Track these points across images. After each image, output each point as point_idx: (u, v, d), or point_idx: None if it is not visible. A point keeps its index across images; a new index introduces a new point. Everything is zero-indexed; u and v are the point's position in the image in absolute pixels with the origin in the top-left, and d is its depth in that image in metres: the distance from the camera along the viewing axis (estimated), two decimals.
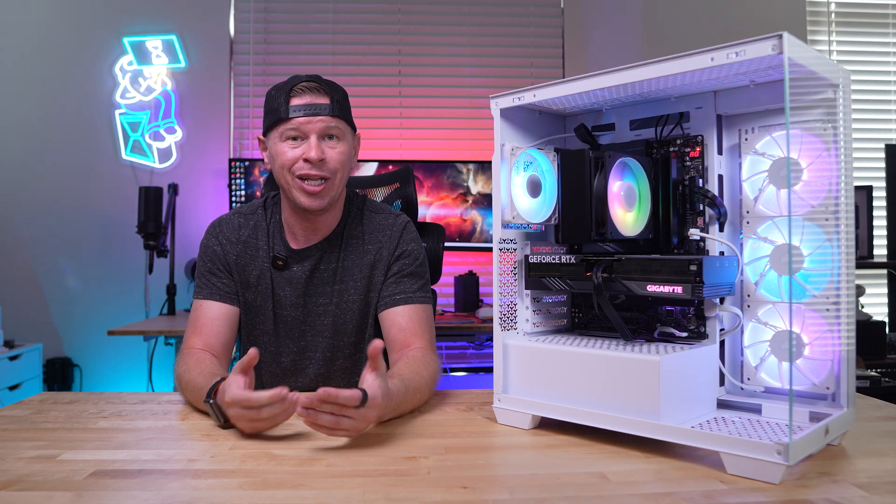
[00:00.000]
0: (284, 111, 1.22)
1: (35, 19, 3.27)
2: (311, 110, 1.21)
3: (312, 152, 1.21)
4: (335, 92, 1.25)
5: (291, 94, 1.22)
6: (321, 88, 1.23)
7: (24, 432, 0.99)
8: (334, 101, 1.24)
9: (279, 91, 1.24)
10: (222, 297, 1.31)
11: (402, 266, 1.33)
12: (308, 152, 1.21)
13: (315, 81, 1.24)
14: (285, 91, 1.23)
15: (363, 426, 0.94)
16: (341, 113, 1.25)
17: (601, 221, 0.98)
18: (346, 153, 1.27)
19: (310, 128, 1.22)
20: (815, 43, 3.58)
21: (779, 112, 0.98)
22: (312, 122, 1.22)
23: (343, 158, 1.26)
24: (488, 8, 3.41)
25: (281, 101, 1.22)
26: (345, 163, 1.27)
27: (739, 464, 0.79)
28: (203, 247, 1.35)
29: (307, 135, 1.22)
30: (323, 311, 1.34)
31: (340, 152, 1.25)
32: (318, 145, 1.22)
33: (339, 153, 1.25)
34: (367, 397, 0.90)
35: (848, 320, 0.89)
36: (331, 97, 1.23)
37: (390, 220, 1.37)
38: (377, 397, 0.93)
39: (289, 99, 1.22)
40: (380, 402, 0.93)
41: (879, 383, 2.72)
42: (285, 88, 1.23)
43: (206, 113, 3.32)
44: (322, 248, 1.33)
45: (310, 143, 1.22)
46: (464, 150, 3.35)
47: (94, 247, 3.27)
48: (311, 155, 1.21)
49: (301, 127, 1.22)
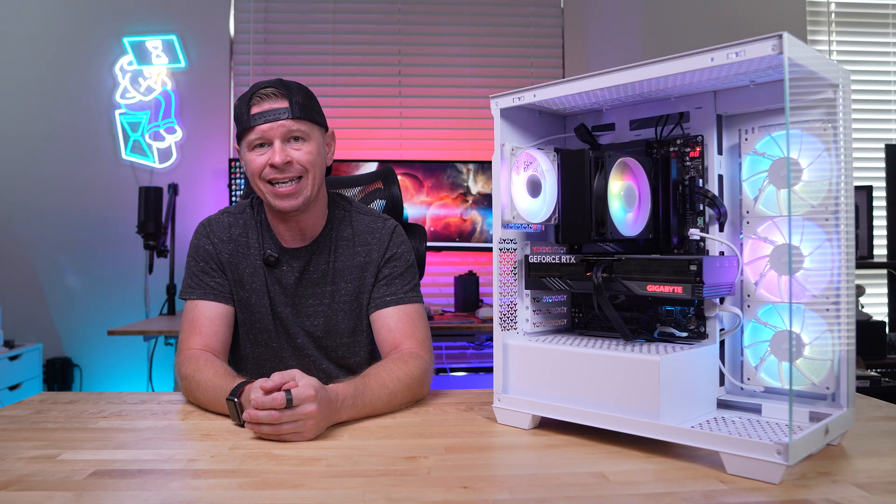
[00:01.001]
0: (246, 120, 1.23)
1: (35, 19, 3.27)
2: (270, 116, 1.21)
3: (277, 157, 1.21)
4: (295, 94, 1.24)
5: (251, 104, 1.23)
6: (279, 93, 1.23)
7: (24, 432, 0.99)
8: (294, 103, 1.23)
9: (241, 101, 1.25)
10: (217, 297, 1.30)
11: (393, 268, 1.34)
12: (273, 157, 1.22)
13: (273, 86, 1.24)
14: (245, 101, 1.24)
15: (311, 425, 0.95)
16: (303, 114, 1.24)
17: (601, 221, 0.98)
18: (314, 152, 1.26)
19: (272, 133, 1.22)
20: (815, 43, 3.58)
21: (779, 112, 0.98)
22: (273, 127, 1.22)
23: (311, 157, 1.25)
24: (488, 8, 3.41)
25: (243, 111, 1.24)
26: (314, 161, 1.26)
27: (739, 464, 0.79)
28: (193, 247, 1.35)
29: (271, 140, 1.23)
30: (313, 312, 1.34)
31: (307, 152, 1.25)
32: (282, 149, 1.22)
33: (305, 153, 1.25)
34: (292, 397, 0.93)
35: (848, 320, 0.89)
36: (290, 100, 1.23)
37: (379, 223, 1.38)
38: (308, 393, 0.94)
39: (249, 108, 1.23)
40: (314, 395, 0.95)
41: (879, 383, 2.72)
42: (245, 98, 1.24)
43: (206, 113, 3.32)
44: (311, 250, 1.34)
45: (274, 148, 1.22)
46: (464, 150, 3.35)
47: (94, 247, 3.27)
48: (275, 160, 1.21)
49: (264, 134, 1.22)
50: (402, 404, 1.14)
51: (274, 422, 0.93)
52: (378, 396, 1.08)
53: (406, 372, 1.15)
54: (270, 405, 0.93)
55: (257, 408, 0.94)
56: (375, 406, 1.08)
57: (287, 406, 0.93)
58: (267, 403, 0.93)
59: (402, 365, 1.16)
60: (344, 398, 1.02)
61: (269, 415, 0.93)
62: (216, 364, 1.17)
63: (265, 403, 0.93)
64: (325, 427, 0.99)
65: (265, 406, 0.93)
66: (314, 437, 0.96)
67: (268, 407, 0.93)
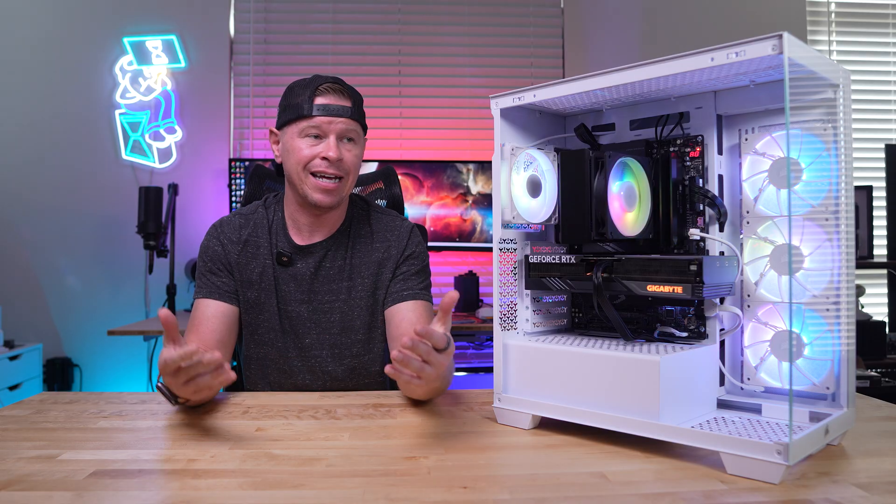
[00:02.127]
0: (308, 109, 1.25)
1: (35, 19, 3.27)
2: (334, 111, 1.25)
3: (332, 152, 1.24)
4: (355, 96, 1.30)
5: (316, 93, 1.25)
6: (344, 91, 1.28)
7: (24, 432, 0.99)
8: (355, 104, 1.28)
9: (303, 88, 1.27)
10: (220, 296, 1.31)
11: (411, 266, 1.37)
12: (327, 151, 1.25)
13: (339, 83, 1.28)
14: (310, 89, 1.26)
15: (438, 374, 0.96)
16: (359, 117, 1.30)
17: (601, 221, 0.98)
18: (360, 156, 1.32)
19: (331, 128, 1.25)
20: (815, 43, 3.58)
21: (779, 112, 0.98)
22: (334, 122, 1.25)
23: (357, 161, 1.31)
24: (488, 8, 3.42)
25: (304, 98, 1.25)
26: (358, 165, 1.31)
27: (739, 464, 0.79)
28: (203, 247, 1.36)
29: (327, 134, 1.26)
30: (329, 308, 1.34)
31: (356, 154, 1.30)
32: (336, 146, 1.25)
33: (354, 155, 1.30)
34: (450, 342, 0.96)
35: (848, 320, 0.89)
36: (352, 100, 1.28)
37: (398, 222, 1.42)
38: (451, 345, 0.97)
39: (313, 97, 1.25)
40: (453, 350, 0.98)
41: (879, 383, 2.72)
42: (311, 86, 1.26)
43: (206, 113, 3.33)
44: (327, 246, 1.35)
45: (329, 142, 1.25)
46: (464, 150, 3.35)
47: (94, 247, 3.27)
48: (330, 154, 1.24)
49: (323, 126, 1.25)
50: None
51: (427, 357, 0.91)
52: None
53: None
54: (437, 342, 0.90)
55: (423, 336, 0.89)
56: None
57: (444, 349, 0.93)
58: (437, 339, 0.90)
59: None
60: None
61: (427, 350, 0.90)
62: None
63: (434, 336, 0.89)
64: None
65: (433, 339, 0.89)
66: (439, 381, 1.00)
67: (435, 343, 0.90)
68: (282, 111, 1.30)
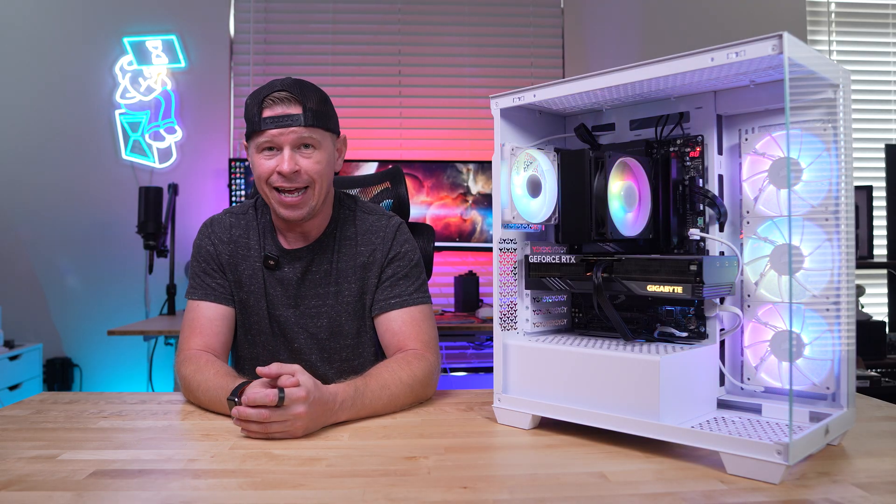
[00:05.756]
0: (257, 122, 1.20)
1: (35, 19, 3.27)
2: (282, 122, 1.18)
3: (285, 165, 1.19)
4: (309, 99, 1.21)
5: (263, 106, 1.19)
6: (293, 98, 1.19)
7: (24, 432, 0.99)
8: (307, 109, 1.20)
9: (253, 100, 1.22)
10: (218, 298, 1.30)
11: (397, 269, 1.32)
12: (280, 165, 1.20)
13: (287, 90, 1.20)
14: (258, 101, 1.20)
15: (300, 426, 0.95)
16: (315, 121, 1.21)
17: (601, 221, 0.98)
18: (324, 160, 1.24)
19: (282, 139, 1.19)
20: (815, 43, 3.58)
21: (779, 112, 0.98)
22: (284, 133, 1.19)
23: (320, 167, 1.23)
24: (488, 8, 3.41)
25: (255, 112, 1.20)
26: (322, 171, 1.23)
27: (739, 464, 0.79)
28: (196, 247, 1.35)
29: (280, 146, 1.20)
30: (317, 313, 1.33)
31: (316, 161, 1.22)
32: (291, 157, 1.19)
33: (314, 162, 1.22)
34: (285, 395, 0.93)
35: (848, 320, 0.89)
36: (304, 106, 1.19)
37: (383, 221, 1.36)
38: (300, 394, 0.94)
39: (261, 110, 1.19)
40: (304, 397, 0.95)
41: (879, 383, 2.72)
42: (258, 98, 1.21)
43: (206, 113, 3.32)
44: (313, 250, 1.32)
45: (283, 155, 1.20)
46: (464, 150, 3.35)
47: (94, 247, 3.27)
48: (283, 168, 1.19)
49: (274, 139, 1.20)
50: (405, 405, 1.13)
51: (263, 420, 0.93)
52: (378, 397, 1.08)
53: (409, 373, 1.14)
54: (262, 401, 0.93)
55: (248, 404, 0.94)
56: (376, 407, 1.08)
57: (278, 405, 0.93)
58: (259, 400, 0.93)
59: (406, 366, 1.15)
60: (342, 399, 1.02)
61: (258, 413, 0.93)
62: (216, 364, 1.17)
63: (257, 400, 0.93)
64: (318, 428, 0.99)
65: (256, 402, 0.93)
66: (303, 435, 0.96)
67: (259, 404, 0.93)
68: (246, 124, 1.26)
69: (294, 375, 0.96)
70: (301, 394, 0.95)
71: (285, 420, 0.94)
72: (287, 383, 0.95)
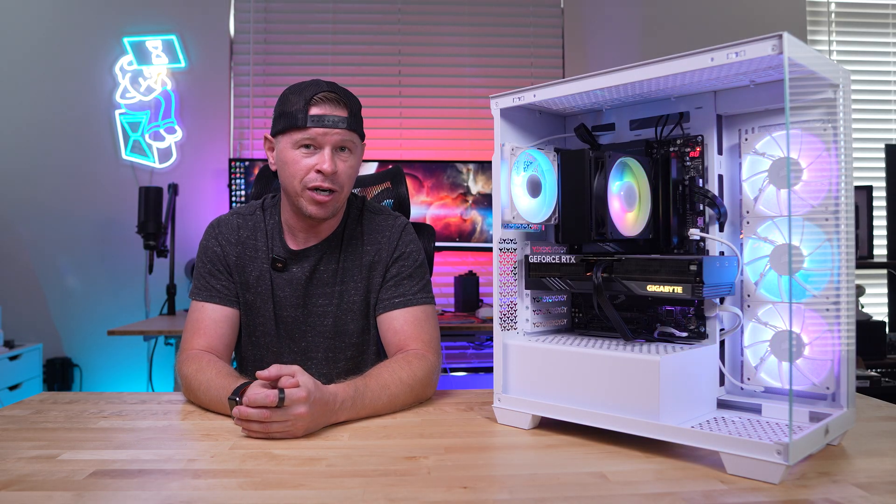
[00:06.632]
0: (302, 119, 1.19)
1: (35, 19, 3.27)
2: (329, 122, 1.20)
3: (326, 165, 1.20)
4: (352, 104, 1.24)
5: (311, 103, 1.20)
6: (340, 100, 1.22)
7: (24, 432, 0.99)
8: (351, 113, 1.23)
9: (298, 96, 1.21)
10: (223, 300, 1.30)
11: (401, 268, 1.32)
12: (322, 164, 1.20)
13: (335, 92, 1.22)
14: (305, 98, 1.20)
15: (301, 426, 0.96)
16: (356, 126, 1.24)
17: (601, 221, 0.98)
18: (356, 165, 1.28)
19: (326, 140, 1.21)
20: (815, 43, 3.58)
21: (779, 112, 0.98)
22: (329, 134, 1.20)
23: (352, 172, 1.27)
24: (488, 8, 3.41)
25: (299, 108, 1.20)
26: (353, 175, 1.27)
27: (739, 464, 0.79)
28: (202, 247, 1.34)
29: (322, 146, 1.21)
30: (323, 312, 1.33)
31: (351, 165, 1.26)
32: (331, 158, 1.21)
33: (349, 166, 1.25)
34: (285, 396, 0.93)
35: (848, 320, 0.89)
36: (349, 110, 1.23)
37: (389, 221, 1.36)
38: (301, 395, 0.94)
39: (308, 107, 1.20)
40: (305, 397, 0.95)
41: (879, 383, 2.72)
42: (305, 95, 1.21)
43: (206, 113, 3.32)
44: (321, 249, 1.33)
45: (324, 154, 1.21)
46: (464, 150, 3.35)
47: (94, 247, 3.27)
48: (324, 167, 1.20)
49: (318, 138, 1.20)
50: (405, 405, 1.13)
51: (264, 420, 0.93)
52: (378, 397, 1.08)
53: (409, 373, 1.14)
54: (263, 402, 0.93)
55: (249, 405, 0.94)
56: (376, 407, 1.08)
57: (278, 405, 0.93)
58: (259, 401, 0.93)
59: (406, 366, 1.15)
60: (343, 399, 1.02)
61: (259, 413, 0.93)
62: (218, 364, 1.17)
63: (257, 401, 0.93)
64: (318, 428, 0.99)
65: (257, 403, 0.93)
66: (304, 435, 0.96)
67: (259, 405, 0.93)
68: (276, 118, 1.25)
69: (294, 376, 0.96)
70: (301, 394, 0.95)
71: (286, 420, 0.94)
72: (287, 384, 0.95)
